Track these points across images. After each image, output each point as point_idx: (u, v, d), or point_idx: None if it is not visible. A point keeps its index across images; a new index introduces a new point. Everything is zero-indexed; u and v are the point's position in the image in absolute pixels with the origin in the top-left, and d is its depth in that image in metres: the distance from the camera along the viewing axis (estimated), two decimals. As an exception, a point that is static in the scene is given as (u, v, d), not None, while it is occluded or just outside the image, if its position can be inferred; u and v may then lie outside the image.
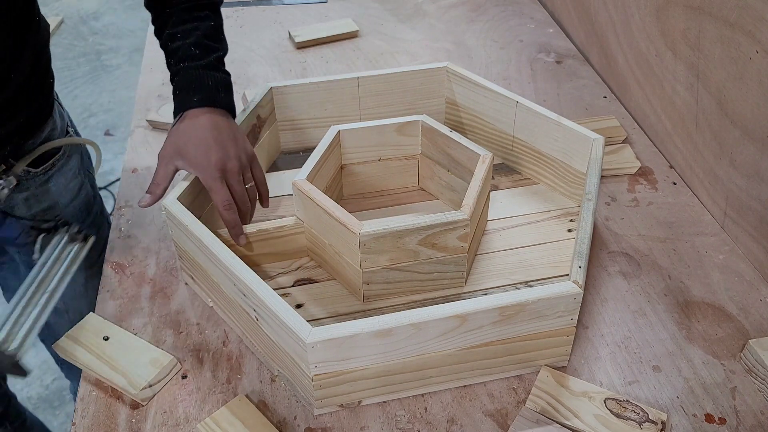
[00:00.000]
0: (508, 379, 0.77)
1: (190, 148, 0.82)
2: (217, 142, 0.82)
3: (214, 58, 0.88)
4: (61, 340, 0.80)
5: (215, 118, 0.84)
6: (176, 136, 0.83)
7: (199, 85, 0.85)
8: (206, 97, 0.85)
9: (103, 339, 0.81)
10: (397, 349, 0.70)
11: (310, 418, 0.74)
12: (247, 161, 0.85)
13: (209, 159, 0.81)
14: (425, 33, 1.47)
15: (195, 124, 0.83)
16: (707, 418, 0.73)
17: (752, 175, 0.88)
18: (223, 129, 0.84)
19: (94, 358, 0.78)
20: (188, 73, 0.86)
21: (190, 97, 0.85)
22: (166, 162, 0.84)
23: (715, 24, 0.90)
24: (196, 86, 0.85)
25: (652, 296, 0.86)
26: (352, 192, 1.00)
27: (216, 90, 0.86)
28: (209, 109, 0.84)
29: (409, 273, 0.82)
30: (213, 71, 0.87)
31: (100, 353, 0.79)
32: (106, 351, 0.79)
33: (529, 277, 0.87)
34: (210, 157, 0.81)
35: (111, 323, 0.83)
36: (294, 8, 1.58)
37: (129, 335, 0.81)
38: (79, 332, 0.82)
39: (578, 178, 0.95)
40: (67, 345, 0.80)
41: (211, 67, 0.87)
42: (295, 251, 0.90)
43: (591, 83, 1.28)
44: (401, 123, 0.94)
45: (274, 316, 0.68)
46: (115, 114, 2.78)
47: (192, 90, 0.85)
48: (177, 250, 0.87)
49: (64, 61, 3.14)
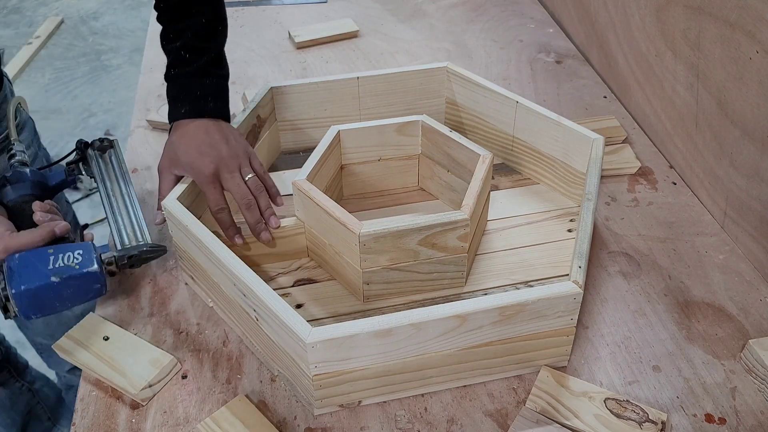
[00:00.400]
0: (508, 379, 0.77)
1: (181, 156, 0.84)
2: (208, 146, 0.84)
3: (204, 61, 0.89)
4: (61, 340, 0.80)
5: (204, 124, 0.86)
6: (169, 148, 0.86)
7: (186, 96, 0.87)
8: (193, 108, 0.87)
9: (103, 339, 0.80)
10: (397, 349, 0.70)
11: (310, 418, 0.74)
12: (244, 158, 0.86)
13: (200, 163, 0.83)
14: (425, 33, 1.47)
15: (184, 133, 0.86)
16: (707, 418, 0.73)
17: (752, 175, 0.88)
18: (213, 132, 0.85)
19: (94, 357, 0.78)
20: (177, 81, 0.89)
21: (178, 109, 0.88)
22: (165, 174, 0.86)
23: (715, 24, 0.90)
24: (183, 97, 0.87)
25: (652, 296, 0.86)
26: (352, 192, 1.00)
27: (204, 100, 0.87)
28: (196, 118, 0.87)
29: (409, 273, 0.82)
30: (202, 77, 0.88)
31: (100, 353, 0.79)
32: (106, 351, 0.79)
33: (529, 277, 0.87)
34: (201, 161, 0.83)
35: (111, 323, 0.83)
36: (294, 8, 1.58)
37: (129, 335, 0.81)
38: (79, 332, 0.82)
39: (578, 178, 0.95)
40: (67, 345, 0.80)
41: (200, 73, 0.88)
42: (295, 251, 0.90)
43: (591, 83, 1.28)
44: (401, 123, 0.94)
45: (274, 316, 0.68)
46: (115, 114, 2.78)
47: (180, 101, 0.88)
48: (177, 250, 0.87)
49: (64, 61, 3.14)
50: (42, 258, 0.74)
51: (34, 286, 0.72)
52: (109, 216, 0.87)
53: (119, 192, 0.89)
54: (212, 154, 0.83)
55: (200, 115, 0.87)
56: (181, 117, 0.87)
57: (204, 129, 0.85)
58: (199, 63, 0.88)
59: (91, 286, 0.76)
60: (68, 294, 0.75)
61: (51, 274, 0.73)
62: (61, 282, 0.73)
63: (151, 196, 1.03)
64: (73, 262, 0.75)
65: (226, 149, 0.84)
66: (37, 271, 0.73)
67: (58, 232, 0.78)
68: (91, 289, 0.76)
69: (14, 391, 1.24)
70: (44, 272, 0.73)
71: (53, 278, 0.73)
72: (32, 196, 0.83)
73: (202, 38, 0.89)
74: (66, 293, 0.75)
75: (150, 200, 1.02)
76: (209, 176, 0.82)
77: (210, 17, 0.90)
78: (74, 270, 0.74)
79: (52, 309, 0.75)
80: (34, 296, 0.73)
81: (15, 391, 1.25)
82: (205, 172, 0.82)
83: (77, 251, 0.76)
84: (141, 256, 0.82)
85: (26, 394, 1.27)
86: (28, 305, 0.73)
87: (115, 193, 0.89)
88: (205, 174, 0.82)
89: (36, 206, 0.80)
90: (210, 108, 0.87)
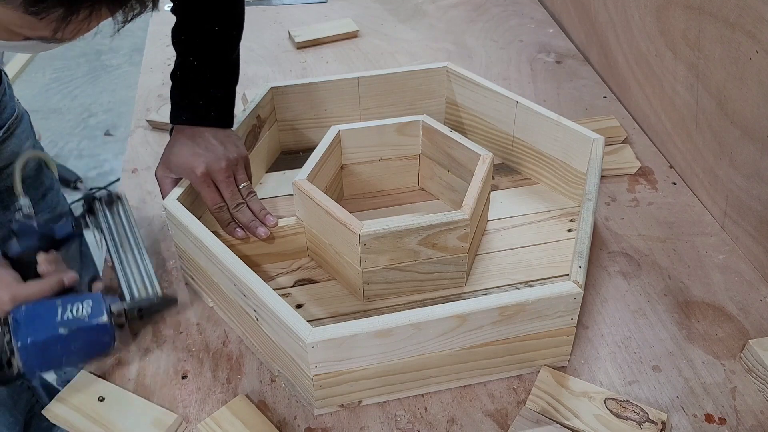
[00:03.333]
0: (508, 379, 0.77)
1: (173, 159, 0.85)
2: (202, 148, 0.84)
3: (211, 71, 0.88)
4: (52, 404, 0.74)
5: (203, 129, 0.87)
6: (166, 153, 0.87)
7: (188, 104, 0.88)
8: (194, 116, 0.87)
9: (98, 400, 0.74)
10: (397, 349, 0.70)
11: (310, 418, 0.74)
12: (239, 164, 0.86)
13: (192, 163, 0.83)
14: (425, 33, 1.47)
15: (180, 137, 0.86)
16: (707, 418, 0.73)
17: (752, 175, 0.88)
18: (208, 137, 0.86)
19: (90, 422, 0.72)
20: (181, 87, 0.89)
21: (179, 114, 0.88)
22: (163, 179, 0.87)
23: (715, 24, 0.90)
24: (185, 104, 0.88)
25: (652, 296, 0.86)
26: (352, 192, 1.00)
27: (206, 110, 0.87)
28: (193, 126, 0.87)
29: (410, 273, 0.82)
30: (208, 87, 0.88)
31: (97, 417, 0.72)
32: (102, 413, 0.73)
33: (529, 277, 0.87)
34: (192, 161, 0.83)
35: (105, 381, 0.77)
36: (294, 8, 1.58)
37: (125, 393, 0.75)
38: (71, 394, 0.75)
39: (578, 178, 0.95)
40: (59, 410, 0.73)
41: (206, 83, 0.88)
42: (295, 251, 0.90)
43: (591, 83, 1.28)
44: (401, 123, 0.94)
45: (275, 316, 0.68)
46: (115, 114, 2.78)
47: (181, 107, 0.88)
48: (177, 250, 0.87)
49: (64, 61, 3.14)
50: (50, 309, 0.71)
51: (41, 339, 0.69)
52: (117, 268, 0.83)
53: (128, 243, 0.87)
54: (205, 155, 0.84)
55: (201, 123, 0.87)
56: (181, 123, 0.88)
57: (200, 133, 0.86)
58: (206, 72, 0.88)
59: (100, 338, 0.72)
60: (76, 347, 0.71)
61: (59, 325, 0.70)
62: (69, 334, 0.70)
63: (151, 196, 1.03)
64: (83, 313, 0.72)
65: (221, 151, 0.85)
66: (44, 323, 0.70)
67: (66, 282, 0.75)
68: (100, 342, 0.73)
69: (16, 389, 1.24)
70: (52, 324, 0.70)
71: (61, 330, 0.69)
72: (39, 248, 0.79)
73: (213, 46, 0.88)
74: (74, 346, 0.71)
75: (150, 200, 1.02)
76: (200, 176, 0.83)
77: (227, 24, 0.89)
78: (83, 322, 0.71)
79: (58, 364, 0.71)
80: (41, 349, 0.69)
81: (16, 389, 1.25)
82: (196, 171, 0.83)
83: (86, 301, 0.73)
84: (152, 308, 0.79)
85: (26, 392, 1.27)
86: (33, 359, 0.69)
87: (124, 245, 0.86)
88: (196, 174, 0.83)
89: (40, 257, 0.78)
90: (212, 117, 0.88)
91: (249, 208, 0.85)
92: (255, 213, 0.85)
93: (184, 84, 0.88)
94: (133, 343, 0.82)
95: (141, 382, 0.77)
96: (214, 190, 0.84)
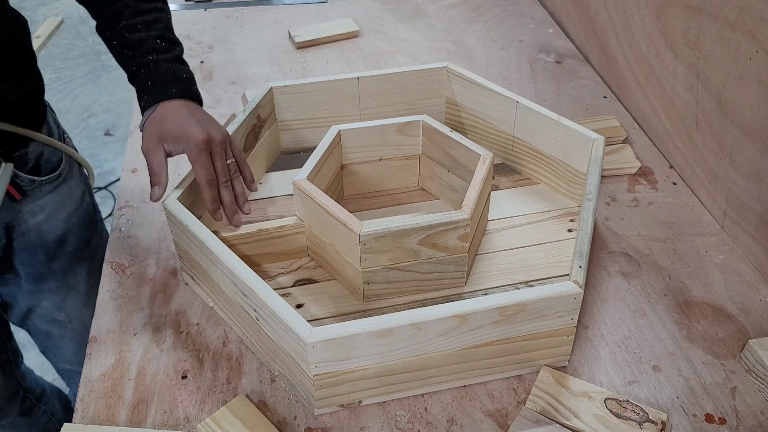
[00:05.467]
0: (508, 379, 0.77)
1: (170, 129, 0.83)
2: (196, 119, 0.84)
3: (179, 51, 0.91)
4: None
5: (188, 103, 0.87)
6: (154, 125, 0.85)
7: (174, 78, 0.88)
8: (183, 89, 0.87)
9: None
10: (397, 349, 0.70)
11: (310, 418, 0.74)
12: (228, 135, 0.87)
13: (192, 132, 0.82)
14: (425, 33, 1.47)
15: (170, 110, 0.85)
16: (707, 418, 0.73)
17: (752, 175, 0.88)
18: (197, 111, 0.87)
19: None
20: (160, 65, 0.88)
21: (168, 89, 0.86)
22: (154, 150, 0.84)
23: (715, 24, 0.90)
24: (172, 78, 0.87)
25: (652, 296, 0.86)
26: (352, 192, 1.00)
27: (189, 83, 0.89)
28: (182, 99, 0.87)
29: (410, 273, 0.82)
30: (182, 65, 0.90)
31: None
32: None
33: (529, 277, 0.87)
34: (192, 129, 0.82)
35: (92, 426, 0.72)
36: (294, 8, 1.58)
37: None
38: None
39: (578, 178, 0.95)
40: None
41: (179, 61, 0.90)
42: (295, 251, 0.90)
43: (591, 83, 1.28)
44: (402, 123, 0.94)
45: (275, 316, 0.68)
46: (115, 114, 2.78)
47: (169, 82, 0.87)
48: (177, 250, 0.87)
49: (64, 61, 3.14)
50: None
51: None
52: None
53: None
54: (204, 124, 0.84)
55: (189, 96, 0.87)
56: (171, 97, 0.86)
57: (186, 106, 0.86)
58: (176, 52, 0.90)
59: None
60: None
61: None
62: None
63: (151, 196, 1.03)
64: None
65: (215, 123, 0.86)
66: None
67: None
68: None
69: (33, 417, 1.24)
70: None
71: None
72: None
73: (171, 32, 0.92)
74: None
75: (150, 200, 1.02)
76: (201, 143, 0.81)
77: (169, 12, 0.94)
78: None
79: None
80: None
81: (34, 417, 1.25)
82: (197, 138, 0.81)
83: None
84: None
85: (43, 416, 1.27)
86: None
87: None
88: (197, 140, 0.81)
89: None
90: (194, 91, 0.89)
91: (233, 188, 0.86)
92: (237, 194, 0.86)
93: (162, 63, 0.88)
94: (133, 343, 0.82)
95: (141, 382, 0.77)
96: (209, 161, 0.83)
